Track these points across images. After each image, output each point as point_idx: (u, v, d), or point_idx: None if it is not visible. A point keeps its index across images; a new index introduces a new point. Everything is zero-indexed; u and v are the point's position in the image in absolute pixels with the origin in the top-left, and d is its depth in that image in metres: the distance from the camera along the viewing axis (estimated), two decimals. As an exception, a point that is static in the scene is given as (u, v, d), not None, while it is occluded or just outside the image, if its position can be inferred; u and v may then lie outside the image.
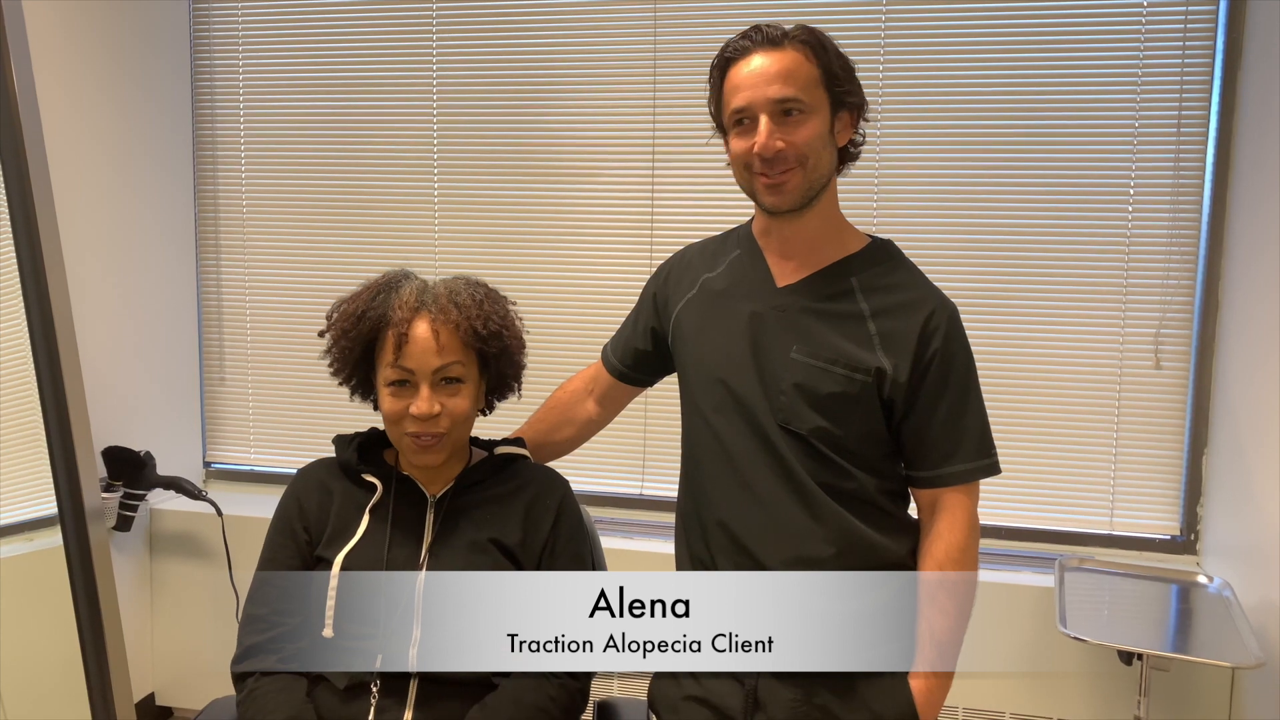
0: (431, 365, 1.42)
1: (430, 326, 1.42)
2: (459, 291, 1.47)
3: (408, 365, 1.42)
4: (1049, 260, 2.40)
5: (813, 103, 1.34)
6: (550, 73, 2.62)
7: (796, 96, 1.32)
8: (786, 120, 1.33)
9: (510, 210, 2.68)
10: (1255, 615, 2.02)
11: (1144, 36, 2.31)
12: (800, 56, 1.33)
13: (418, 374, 1.42)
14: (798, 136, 1.34)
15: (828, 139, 1.36)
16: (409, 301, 1.44)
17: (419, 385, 1.42)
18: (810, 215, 1.40)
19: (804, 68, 1.33)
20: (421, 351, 1.41)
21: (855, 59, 1.38)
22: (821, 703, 1.38)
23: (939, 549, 1.39)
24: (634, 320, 1.65)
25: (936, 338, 1.36)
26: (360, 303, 1.47)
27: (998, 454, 1.42)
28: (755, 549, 1.40)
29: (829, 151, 1.37)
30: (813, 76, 1.33)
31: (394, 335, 1.42)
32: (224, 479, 2.97)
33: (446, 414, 1.43)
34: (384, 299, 1.46)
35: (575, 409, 1.72)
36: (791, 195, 1.37)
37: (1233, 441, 2.22)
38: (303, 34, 2.76)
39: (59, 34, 2.40)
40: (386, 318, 1.44)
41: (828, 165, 1.38)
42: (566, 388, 1.74)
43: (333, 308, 1.51)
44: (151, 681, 2.80)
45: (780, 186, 1.36)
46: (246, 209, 2.86)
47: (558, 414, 1.73)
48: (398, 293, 1.45)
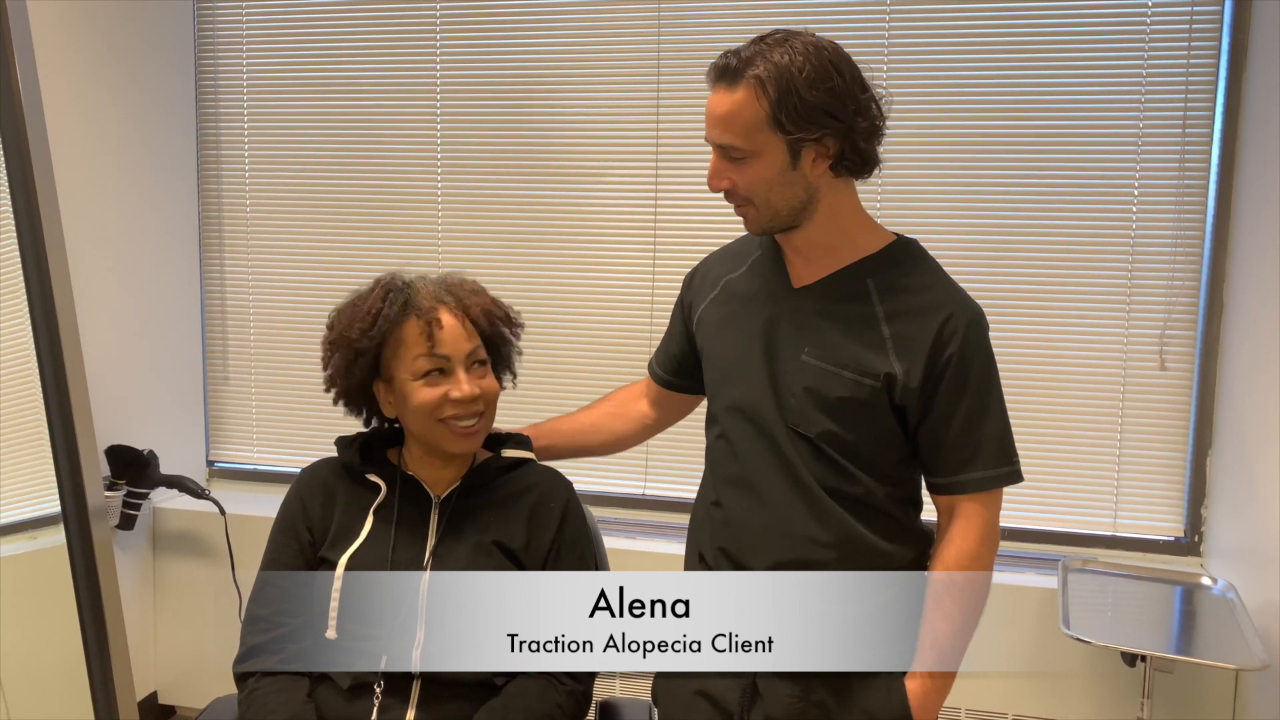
0: (465, 349, 1.47)
1: (455, 314, 1.47)
2: (467, 282, 1.55)
3: (443, 352, 1.45)
4: (1053, 261, 2.39)
5: (754, 147, 1.28)
6: (554, 73, 2.62)
7: (734, 144, 1.29)
8: (732, 160, 1.31)
9: (514, 211, 2.67)
10: (1259, 617, 2.02)
11: (1148, 38, 2.30)
12: (749, 96, 1.26)
13: (453, 359, 1.46)
14: (740, 179, 1.32)
15: (782, 176, 1.30)
16: (430, 293, 1.49)
17: (454, 370, 1.46)
18: (809, 229, 1.37)
19: (748, 110, 1.26)
20: (454, 337, 1.46)
21: (857, 57, 1.32)
22: (819, 699, 1.38)
23: (949, 554, 1.37)
24: (670, 328, 1.66)
25: (953, 342, 1.33)
26: (373, 303, 1.48)
27: (1019, 463, 1.39)
28: (757, 549, 1.40)
29: (788, 187, 1.31)
30: (757, 119, 1.26)
31: (423, 325, 1.45)
32: (227, 478, 2.97)
33: (483, 395, 1.48)
34: (398, 295, 1.48)
35: (631, 404, 1.73)
36: (754, 225, 1.37)
37: (1237, 443, 2.21)
38: (307, 34, 2.76)
39: (63, 33, 2.40)
40: (414, 308, 1.47)
41: (789, 198, 1.32)
42: (620, 391, 1.77)
43: (333, 318, 1.52)
44: (154, 680, 2.81)
45: (744, 218, 1.37)
46: (250, 208, 2.86)
47: (614, 406, 1.74)
48: (413, 288, 1.49)
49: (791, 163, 1.30)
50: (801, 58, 1.26)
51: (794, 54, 1.26)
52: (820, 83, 1.26)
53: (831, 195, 1.35)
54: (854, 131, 1.29)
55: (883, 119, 1.33)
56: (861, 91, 1.30)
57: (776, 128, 1.27)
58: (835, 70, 1.27)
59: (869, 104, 1.31)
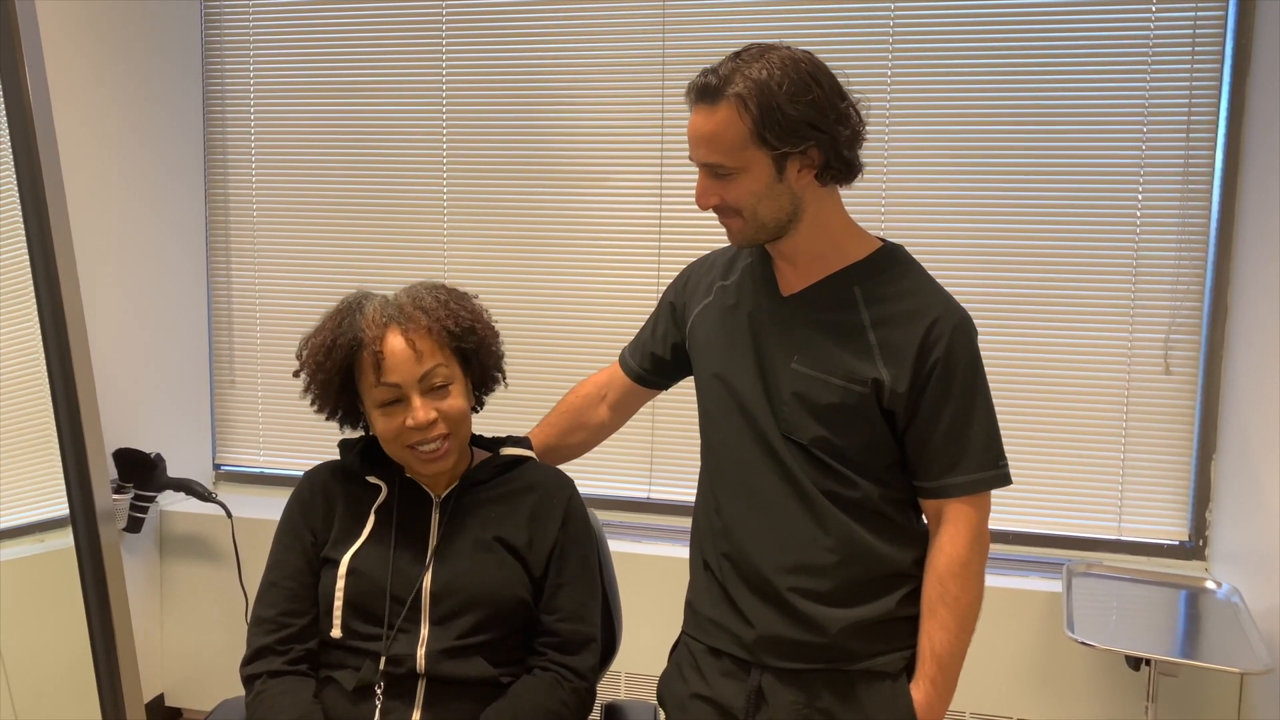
0: (415, 375, 1.41)
1: (404, 337, 1.41)
2: (422, 297, 1.47)
3: (392, 380, 1.41)
4: (1057, 265, 2.39)
5: (740, 164, 1.29)
6: (558, 79, 2.63)
7: (719, 162, 1.30)
8: (719, 177, 1.32)
9: (519, 216, 2.68)
10: (1264, 621, 2.02)
11: (1152, 43, 2.31)
12: (731, 114, 1.27)
13: (405, 386, 1.41)
14: (728, 195, 1.33)
15: (769, 189, 1.31)
16: (376, 319, 1.42)
17: (409, 397, 1.42)
18: (795, 237, 1.38)
19: (732, 128, 1.27)
20: (402, 363, 1.40)
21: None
22: (823, 706, 1.39)
23: (940, 563, 1.38)
24: (652, 326, 1.65)
25: (938, 347, 1.34)
26: (326, 333, 1.45)
27: (1008, 465, 1.40)
28: (759, 554, 1.41)
29: (774, 199, 1.32)
30: (740, 137, 1.27)
31: (370, 355, 1.41)
32: (233, 481, 2.99)
33: (443, 418, 1.43)
34: (349, 322, 1.44)
35: (588, 413, 1.72)
36: (739, 237, 1.38)
37: (1242, 446, 2.21)
38: (313, 39, 2.78)
39: (70, 39, 2.42)
40: (358, 340, 1.42)
41: (776, 210, 1.33)
42: (579, 392, 1.74)
43: (300, 345, 1.49)
44: (161, 682, 2.82)
45: (729, 230, 1.39)
46: (257, 213, 2.87)
47: (570, 418, 1.72)
48: (362, 313, 1.44)
49: (777, 175, 1.31)
50: (780, 72, 1.26)
51: (772, 68, 1.26)
52: (801, 95, 1.27)
53: (817, 204, 1.36)
54: (837, 140, 1.30)
55: (863, 124, 1.35)
56: (840, 100, 1.31)
57: (761, 143, 1.28)
58: (814, 81, 1.28)
59: (849, 111, 1.32)
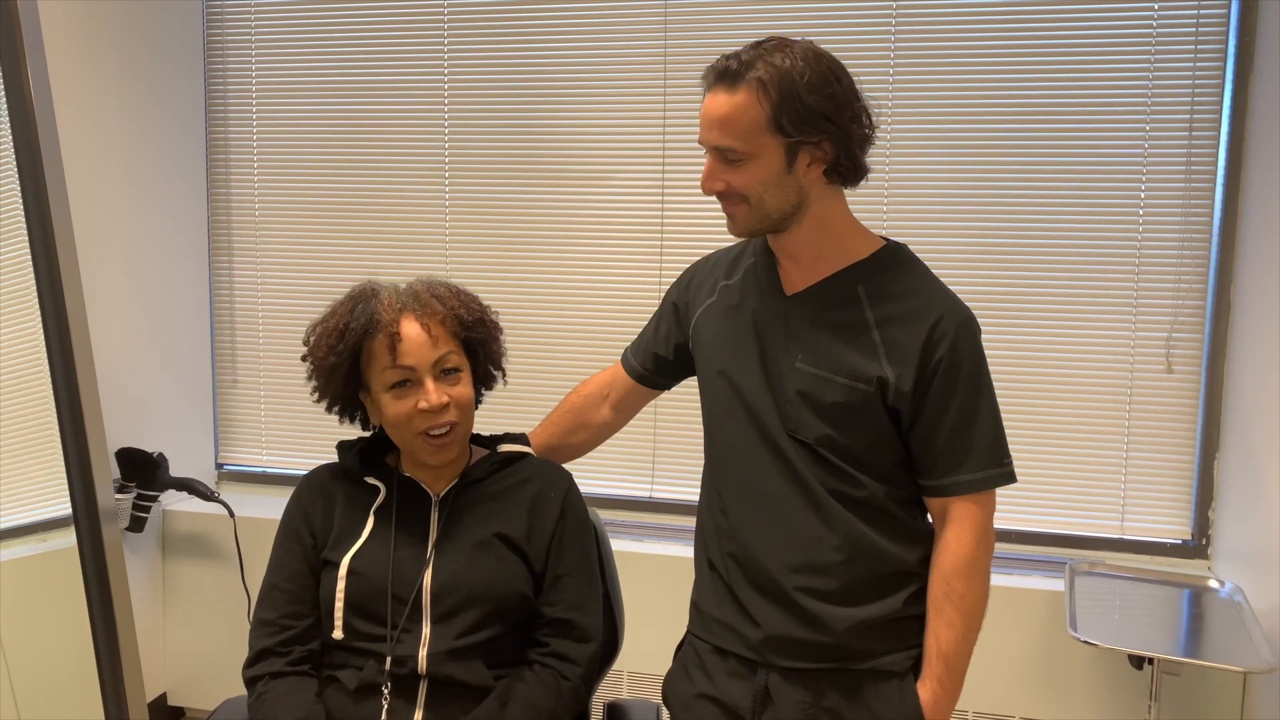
0: (430, 358, 1.44)
1: (420, 322, 1.45)
2: (435, 286, 1.52)
3: (407, 363, 1.44)
4: (1060, 265, 2.39)
5: (753, 150, 1.29)
6: (560, 78, 2.63)
7: (731, 146, 1.30)
8: (729, 162, 1.32)
9: (521, 215, 2.68)
10: (1267, 620, 2.01)
11: (1155, 42, 2.30)
12: (750, 99, 1.27)
13: (419, 369, 1.44)
14: (736, 180, 1.32)
15: (777, 179, 1.31)
16: (392, 303, 1.47)
17: (422, 380, 1.44)
18: (797, 233, 1.38)
19: (749, 112, 1.27)
20: (418, 347, 1.44)
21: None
22: (830, 705, 1.39)
23: (946, 561, 1.38)
24: (655, 326, 1.65)
25: (942, 345, 1.34)
26: (340, 317, 1.47)
27: (1013, 464, 1.40)
28: (765, 553, 1.41)
29: (781, 190, 1.32)
30: (757, 122, 1.28)
31: (386, 337, 1.44)
32: (236, 480, 2.99)
33: (454, 403, 1.46)
34: (363, 308, 1.46)
35: (590, 413, 1.72)
36: (742, 225, 1.37)
37: (1244, 445, 2.21)
38: (315, 38, 2.78)
39: (71, 38, 2.42)
40: (375, 321, 1.45)
41: (781, 201, 1.33)
42: (581, 391, 1.74)
43: (308, 332, 1.52)
44: (163, 682, 2.82)
45: (731, 217, 1.38)
46: (259, 212, 2.87)
47: (572, 418, 1.72)
48: (378, 299, 1.47)
49: (787, 166, 1.31)
50: (803, 63, 1.27)
51: (795, 59, 1.27)
52: (821, 87, 1.27)
53: (821, 201, 1.36)
54: (850, 138, 1.31)
55: (873, 129, 1.35)
56: (856, 100, 1.32)
57: (776, 130, 1.28)
58: (835, 77, 1.29)
59: (863, 113, 1.33)
